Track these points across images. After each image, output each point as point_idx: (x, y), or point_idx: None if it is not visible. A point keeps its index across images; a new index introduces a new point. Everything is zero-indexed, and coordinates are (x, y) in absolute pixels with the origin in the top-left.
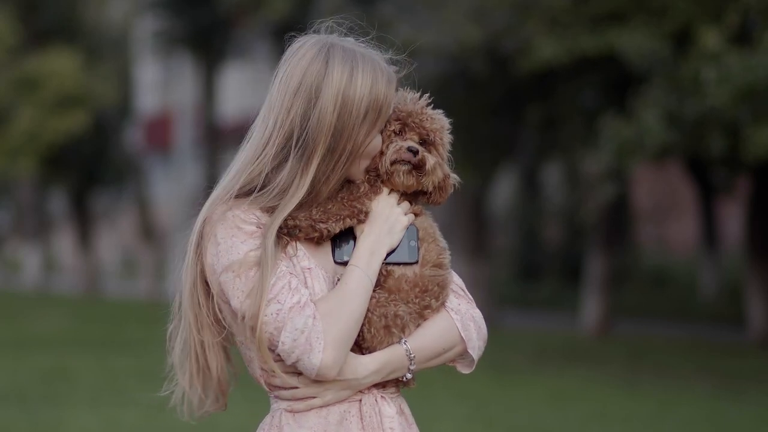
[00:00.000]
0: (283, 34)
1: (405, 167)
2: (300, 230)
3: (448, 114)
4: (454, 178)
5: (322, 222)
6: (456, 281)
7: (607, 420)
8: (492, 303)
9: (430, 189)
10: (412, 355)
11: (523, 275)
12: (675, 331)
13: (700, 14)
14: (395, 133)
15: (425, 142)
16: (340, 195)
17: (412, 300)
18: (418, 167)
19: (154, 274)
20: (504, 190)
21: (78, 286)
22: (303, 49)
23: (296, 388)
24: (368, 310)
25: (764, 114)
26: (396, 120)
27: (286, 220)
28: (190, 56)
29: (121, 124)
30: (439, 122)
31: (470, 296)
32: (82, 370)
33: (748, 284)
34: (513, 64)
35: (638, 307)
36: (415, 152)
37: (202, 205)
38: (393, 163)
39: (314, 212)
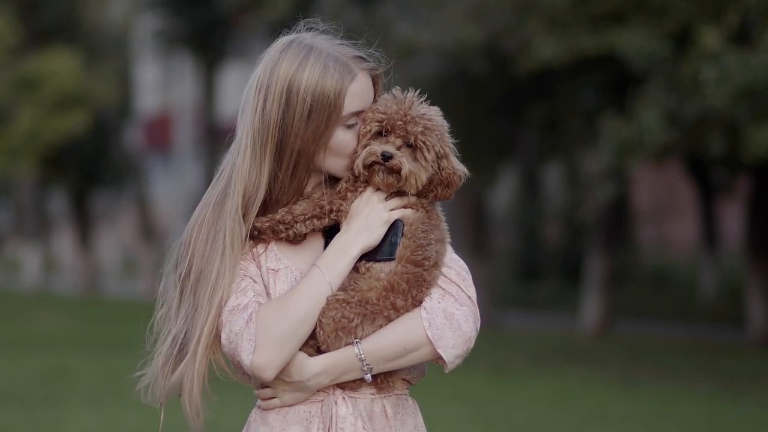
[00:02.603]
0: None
1: (382, 167)
2: (261, 232)
3: (448, 114)
4: (462, 170)
5: (284, 223)
6: (453, 278)
7: (607, 420)
8: (492, 303)
9: (412, 192)
10: (362, 356)
11: (523, 275)
12: (675, 331)
13: (700, 14)
14: (372, 134)
15: (409, 146)
16: (314, 195)
17: (372, 300)
18: (395, 171)
19: (154, 274)
20: (504, 190)
21: (78, 286)
22: (270, 48)
23: (263, 387)
24: (321, 312)
25: (764, 114)
26: (375, 121)
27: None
28: (190, 56)
29: (121, 124)
30: (423, 124)
31: (469, 294)
32: (82, 370)
33: (748, 284)
34: (513, 64)
35: (638, 307)
36: (388, 158)
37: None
38: (366, 166)
39: (279, 213)
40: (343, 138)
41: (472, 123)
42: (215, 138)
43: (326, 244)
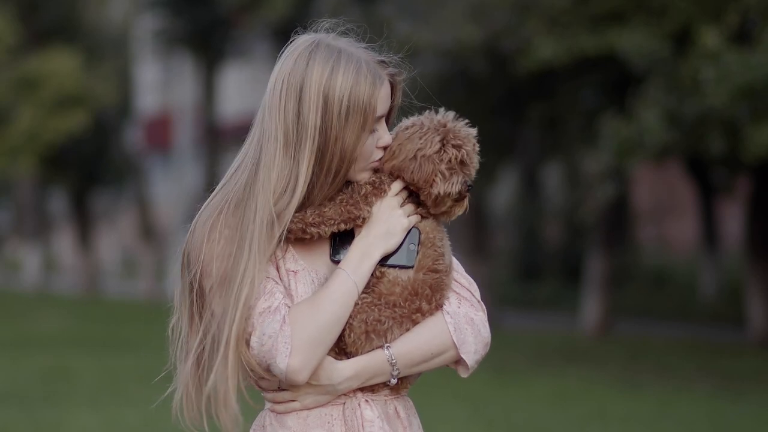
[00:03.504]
0: (282, 34)
1: (457, 197)
2: (290, 232)
3: None
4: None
5: (314, 226)
6: (464, 283)
7: (607, 420)
8: (492, 303)
9: (451, 218)
10: (394, 361)
11: (523, 275)
12: (675, 331)
13: (700, 14)
14: (462, 163)
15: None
16: (339, 197)
17: (400, 304)
18: (461, 200)
19: (154, 274)
20: (504, 190)
21: (78, 286)
22: (292, 47)
23: (280, 390)
24: (350, 315)
25: (764, 113)
26: (456, 148)
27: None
28: (190, 56)
29: (121, 124)
30: (478, 161)
31: (478, 298)
32: (82, 370)
33: (748, 284)
34: (513, 64)
35: (638, 307)
36: (472, 187)
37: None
38: (449, 194)
39: (308, 215)
40: (370, 143)
41: (472, 123)
42: (215, 138)
43: (332, 244)
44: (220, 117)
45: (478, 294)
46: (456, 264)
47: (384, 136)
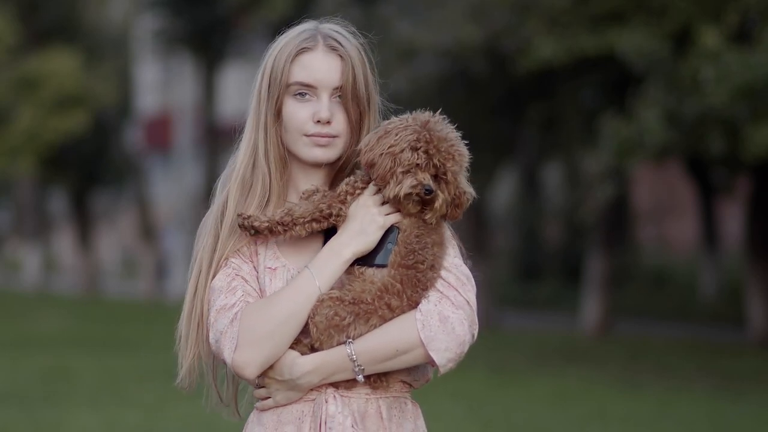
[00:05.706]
0: (282, 34)
1: (417, 199)
2: (256, 231)
3: (448, 114)
4: (470, 192)
5: (283, 224)
6: (452, 281)
7: (607, 420)
8: (492, 303)
9: (432, 222)
10: (354, 357)
11: (523, 275)
12: (675, 331)
13: (700, 14)
14: (418, 166)
15: (437, 177)
16: (314, 197)
17: (367, 300)
18: (428, 203)
19: (154, 274)
20: (504, 190)
21: (78, 286)
22: None
23: (259, 387)
24: (314, 310)
25: (763, 113)
26: (424, 152)
27: (243, 218)
28: (190, 56)
29: (121, 124)
30: (460, 160)
31: (467, 298)
32: (82, 370)
33: (748, 284)
34: (513, 64)
35: (638, 307)
36: (430, 192)
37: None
38: (407, 195)
39: (278, 214)
40: (290, 109)
41: (472, 123)
42: (215, 138)
43: (324, 242)
44: (220, 117)
45: (470, 296)
46: (454, 266)
47: (321, 110)
